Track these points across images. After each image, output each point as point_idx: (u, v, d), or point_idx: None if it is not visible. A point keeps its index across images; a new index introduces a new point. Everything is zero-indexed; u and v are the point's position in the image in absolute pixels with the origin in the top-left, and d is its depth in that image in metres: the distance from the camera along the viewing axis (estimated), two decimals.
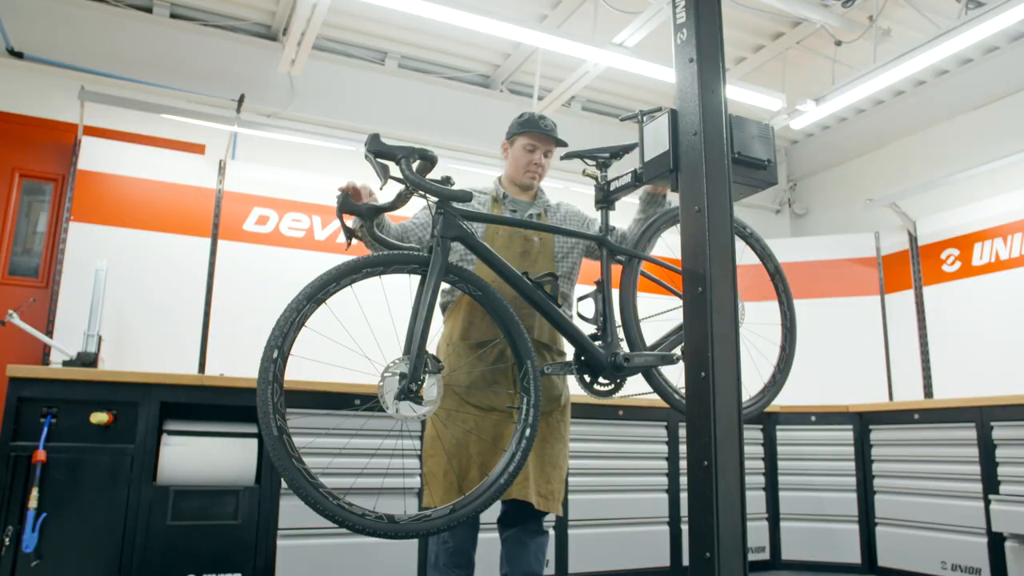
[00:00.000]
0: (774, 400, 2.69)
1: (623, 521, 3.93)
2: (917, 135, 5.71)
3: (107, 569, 2.96)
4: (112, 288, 3.88)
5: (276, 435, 1.81)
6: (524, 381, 2.19)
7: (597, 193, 2.56)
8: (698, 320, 1.81)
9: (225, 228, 4.35)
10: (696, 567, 1.69)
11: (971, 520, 3.72)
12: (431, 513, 1.98)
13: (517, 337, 2.21)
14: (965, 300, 4.92)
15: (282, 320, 1.90)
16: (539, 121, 2.66)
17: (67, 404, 3.05)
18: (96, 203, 4.08)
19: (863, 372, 5.33)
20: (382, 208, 2.15)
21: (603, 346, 2.38)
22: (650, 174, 2.10)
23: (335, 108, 5.03)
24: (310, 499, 1.82)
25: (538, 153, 2.66)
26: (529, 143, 2.64)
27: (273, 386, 1.85)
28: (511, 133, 2.68)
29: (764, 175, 2.17)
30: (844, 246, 5.67)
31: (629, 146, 2.55)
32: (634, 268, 2.52)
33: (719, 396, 1.74)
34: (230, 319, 4.23)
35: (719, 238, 1.86)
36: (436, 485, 2.33)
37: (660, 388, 2.50)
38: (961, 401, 3.88)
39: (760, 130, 2.16)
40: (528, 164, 2.65)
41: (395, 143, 2.12)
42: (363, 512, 1.86)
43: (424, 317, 2.04)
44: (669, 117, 2.01)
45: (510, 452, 2.14)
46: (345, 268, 2.00)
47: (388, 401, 1.96)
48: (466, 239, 2.18)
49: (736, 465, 1.73)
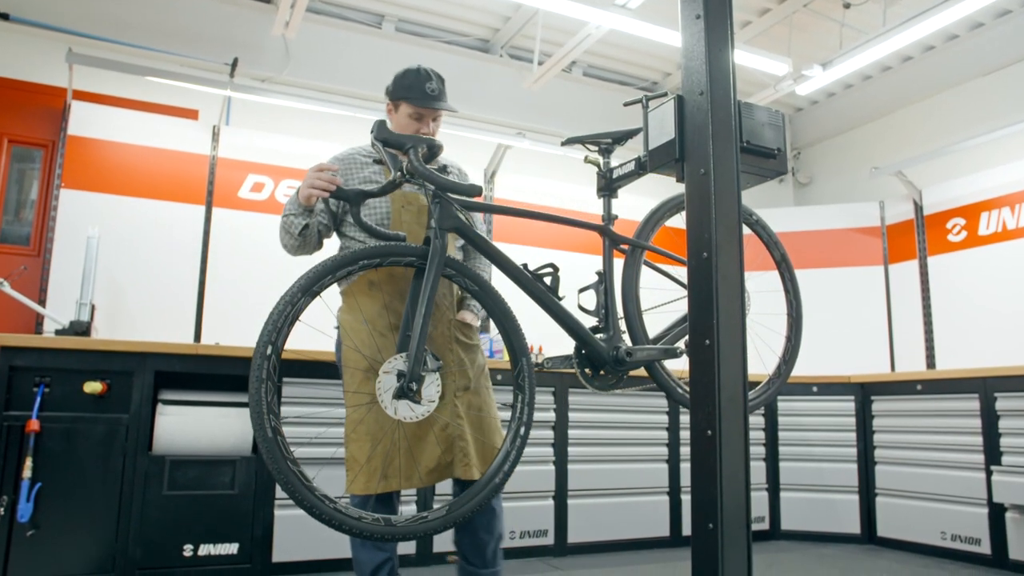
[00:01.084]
0: (778, 394, 2.65)
1: (623, 491, 3.91)
2: (924, 102, 5.60)
3: (104, 539, 2.94)
4: (105, 257, 3.83)
5: (271, 437, 1.76)
6: (519, 378, 2.14)
7: (599, 180, 2.48)
8: (702, 286, 1.75)
9: (219, 195, 4.27)
10: (699, 538, 1.65)
11: (972, 491, 3.70)
12: (428, 515, 1.95)
13: (513, 334, 2.16)
14: (971, 270, 4.86)
15: (275, 314, 1.83)
16: (424, 85, 2.41)
17: (60, 373, 3.01)
18: (87, 170, 4.00)
19: (865, 343, 5.29)
20: (369, 194, 2.08)
21: (604, 339, 2.32)
22: (655, 163, 2.00)
23: (331, 73, 4.93)
24: (306, 503, 1.78)
25: (425, 122, 2.44)
26: (415, 111, 2.42)
27: (267, 384, 1.79)
28: (395, 95, 2.44)
29: (774, 164, 2.08)
30: (848, 215, 5.60)
31: (632, 131, 2.45)
32: (637, 258, 2.45)
33: (723, 364, 1.69)
34: (226, 288, 4.18)
35: (725, 201, 1.79)
36: (359, 471, 2.22)
37: (663, 382, 2.44)
38: (965, 372, 3.84)
39: (770, 117, 2.07)
40: (416, 132, 2.43)
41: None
42: (359, 515, 1.83)
43: (423, 313, 1.98)
44: (675, 104, 1.91)
45: (504, 451, 2.10)
46: (340, 260, 1.94)
47: (386, 400, 1.91)
48: (464, 230, 2.11)
49: (741, 434, 1.68)
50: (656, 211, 2.54)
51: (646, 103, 2.30)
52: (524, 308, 2.24)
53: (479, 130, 4.80)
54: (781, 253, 2.72)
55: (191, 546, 3.04)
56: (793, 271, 2.72)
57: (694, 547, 1.67)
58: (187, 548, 3.04)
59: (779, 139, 2.07)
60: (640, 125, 2.38)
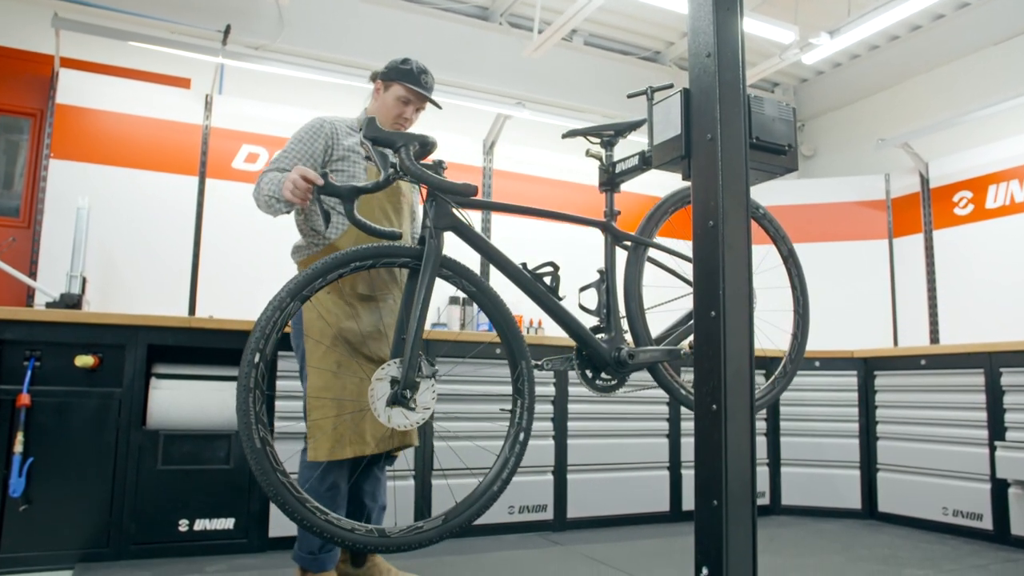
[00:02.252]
0: (783, 392, 2.61)
1: (623, 466, 3.88)
2: (933, 72, 5.48)
3: (98, 514, 2.91)
4: (97, 228, 3.76)
5: (259, 447, 1.71)
6: (519, 383, 2.09)
7: (601, 175, 2.41)
8: (709, 256, 1.69)
9: (213, 166, 4.19)
10: (703, 515, 1.61)
11: (975, 467, 3.67)
12: (423, 525, 1.92)
13: (512, 337, 2.10)
14: (977, 244, 4.80)
15: (263, 320, 1.77)
16: (420, 76, 2.51)
17: (51, 347, 2.96)
18: (77, 139, 3.92)
19: (868, 318, 5.24)
20: (363, 189, 2.01)
21: (606, 340, 2.27)
22: (660, 159, 1.91)
23: (326, 40, 4.81)
24: (297, 515, 1.74)
25: (411, 108, 2.52)
26: (405, 95, 2.49)
27: (255, 393, 1.74)
28: (389, 76, 2.52)
29: (784, 161, 2.00)
30: (852, 188, 5.52)
31: (636, 123, 2.39)
32: (640, 255, 2.38)
33: (730, 336, 1.63)
34: (220, 260, 4.12)
35: (732, 168, 1.72)
36: (324, 438, 2.22)
37: (666, 384, 2.39)
38: (970, 347, 3.79)
39: (781, 111, 1.98)
40: (398, 116, 2.51)
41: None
42: (352, 527, 1.80)
43: (418, 316, 1.92)
44: (682, 97, 1.82)
45: (503, 457, 2.06)
46: (332, 262, 1.88)
47: (379, 408, 1.86)
48: (461, 229, 2.06)
49: (747, 409, 1.63)
50: (660, 206, 2.45)
51: (651, 95, 2.22)
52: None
53: (478, 99, 4.70)
54: (788, 248, 2.65)
55: (186, 521, 3.01)
56: (800, 267, 2.66)
57: (697, 525, 1.63)
58: (182, 523, 3.01)
59: (790, 134, 1.98)
60: (639, 116, 2.31)
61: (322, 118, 2.46)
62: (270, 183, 2.25)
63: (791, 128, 2.00)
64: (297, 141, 2.40)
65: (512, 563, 2.97)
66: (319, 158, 2.39)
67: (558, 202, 5.10)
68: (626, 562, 3.03)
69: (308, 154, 2.38)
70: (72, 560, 2.83)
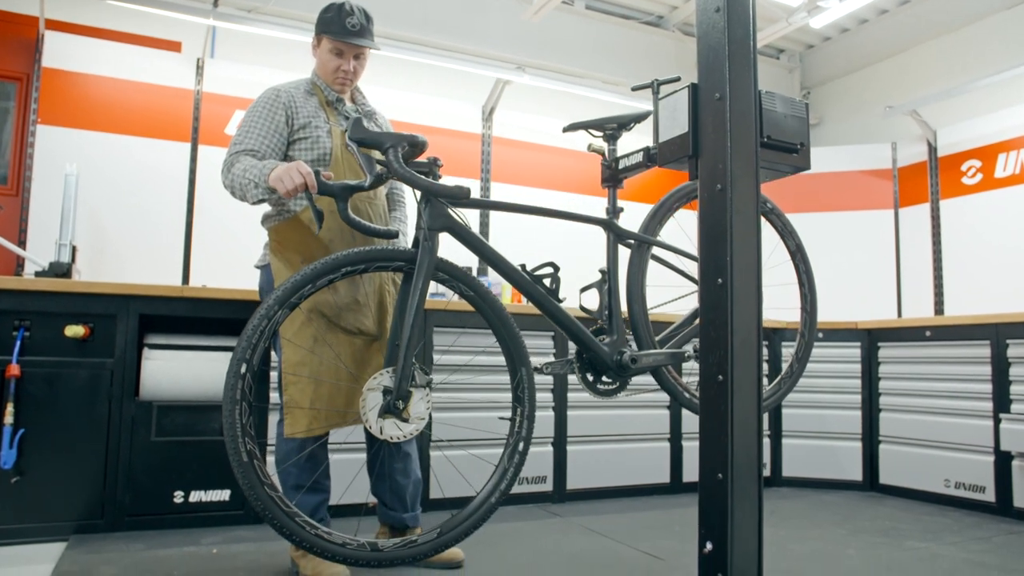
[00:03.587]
0: (788, 395, 2.58)
1: (623, 437, 3.85)
2: (942, 38, 5.35)
3: (92, 485, 2.87)
4: (87, 196, 3.68)
5: (246, 461, 1.67)
6: (518, 390, 2.03)
7: (604, 171, 2.32)
8: (716, 220, 1.62)
9: (205, 132, 4.10)
10: (707, 489, 1.56)
11: (979, 439, 3.63)
12: (416, 539, 1.87)
13: (511, 341, 2.04)
14: (985, 214, 4.72)
15: (250, 330, 1.71)
16: (345, 20, 2.33)
17: (40, 317, 2.89)
18: (65, 104, 3.82)
19: (872, 289, 5.18)
20: (356, 187, 1.95)
21: (608, 343, 2.20)
22: (665, 157, 1.82)
23: (321, 1, 4.66)
24: (286, 530, 1.70)
25: (347, 59, 2.37)
26: (335, 47, 2.35)
27: (241, 405, 1.69)
28: (317, 30, 2.40)
29: (795, 159, 1.91)
30: (858, 157, 5.42)
31: (640, 115, 2.31)
32: (644, 254, 2.30)
33: (737, 304, 1.57)
34: (215, 228, 4.04)
35: (742, 128, 1.65)
36: (301, 414, 2.16)
37: (670, 387, 2.33)
38: (976, 318, 3.73)
39: (793, 107, 1.89)
40: (336, 71, 2.38)
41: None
42: (343, 541, 1.76)
43: (411, 323, 1.85)
44: (689, 93, 1.73)
45: (501, 468, 2.02)
46: (322, 268, 1.81)
47: (371, 419, 1.80)
48: (457, 230, 1.99)
49: (754, 380, 1.58)
50: (664, 202, 2.37)
51: (656, 88, 2.13)
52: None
53: (477, 64, 4.57)
54: (796, 243, 2.57)
55: (182, 492, 2.98)
56: (809, 263, 2.59)
57: (701, 498, 1.58)
58: (178, 495, 2.97)
59: (802, 132, 1.89)
60: (645, 108, 2.22)
61: (275, 88, 2.38)
62: (247, 171, 2.16)
63: (804, 125, 1.91)
64: (257, 116, 2.30)
65: (511, 534, 2.95)
66: (283, 131, 2.31)
67: (559, 170, 5.00)
68: (626, 534, 3.00)
69: (272, 129, 2.30)
70: (66, 532, 2.80)
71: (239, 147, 2.28)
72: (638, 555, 2.68)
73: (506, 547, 2.76)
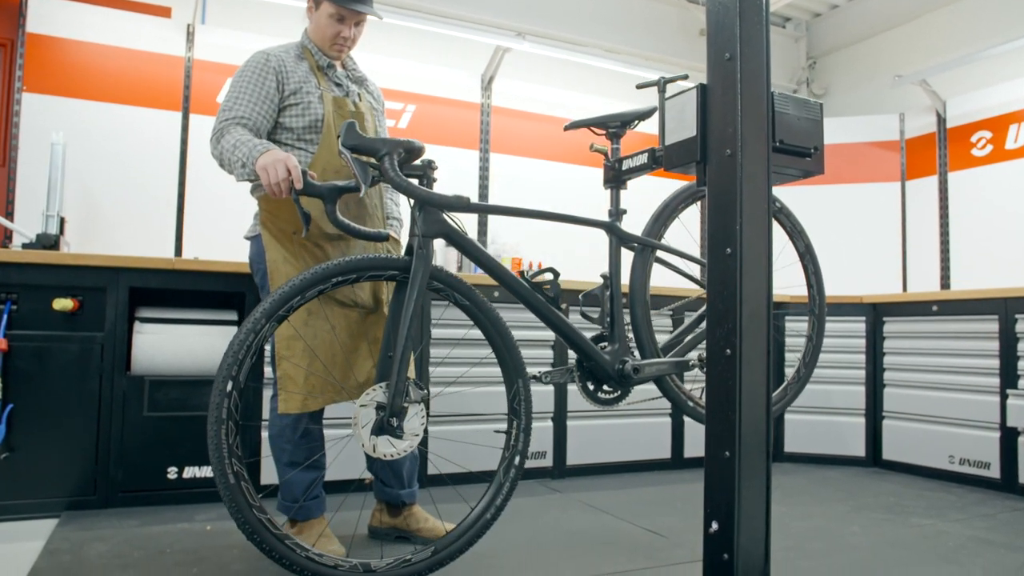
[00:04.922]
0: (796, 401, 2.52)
1: (623, 412, 3.79)
2: (953, 6, 5.21)
3: (83, 461, 2.82)
4: (76, 166, 3.59)
5: (233, 483, 1.61)
6: (515, 402, 1.96)
7: (606, 172, 2.23)
8: (725, 189, 1.54)
9: (197, 101, 3.99)
10: (713, 467, 1.50)
11: (985, 415, 3.58)
12: (411, 557, 1.81)
13: (508, 352, 1.96)
14: (995, 187, 4.62)
15: (236, 344, 1.63)
16: None
17: (27, 289, 2.82)
18: (51, 71, 3.71)
19: (877, 262, 5.10)
20: (345, 189, 1.87)
21: (610, 352, 2.13)
22: (672, 162, 1.72)
23: None
24: (275, 553, 1.63)
25: (347, 25, 2.28)
26: (336, 12, 2.25)
27: (227, 424, 1.62)
28: None
29: (808, 164, 1.81)
30: (865, 128, 5.31)
31: (644, 112, 2.22)
32: (647, 258, 2.21)
33: (747, 275, 1.49)
34: (208, 199, 3.95)
35: (752, 88, 1.56)
36: (295, 389, 2.10)
37: (673, 396, 2.25)
38: (984, 292, 3.66)
39: (807, 110, 1.78)
40: (335, 37, 2.29)
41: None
42: (335, 563, 1.70)
43: (405, 336, 1.77)
44: (698, 94, 1.63)
45: (497, 482, 1.96)
46: (311, 278, 1.73)
47: (364, 436, 1.73)
48: (453, 236, 1.91)
49: (763, 355, 1.51)
50: (668, 204, 2.28)
51: (663, 86, 2.03)
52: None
53: (475, 30, 4.45)
54: (805, 244, 2.49)
55: (175, 468, 2.93)
56: (818, 264, 2.51)
57: (707, 476, 1.52)
58: (171, 471, 2.93)
59: (816, 135, 1.78)
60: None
61: (265, 51, 2.28)
62: (237, 147, 2.08)
63: (818, 127, 1.80)
64: (247, 82, 2.21)
65: (511, 511, 2.88)
66: (274, 97, 2.22)
67: (559, 142, 4.90)
68: (626, 510, 2.96)
69: (263, 95, 2.21)
70: (58, 508, 2.76)
71: (228, 115, 2.20)
72: (639, 532, 2.64)
73: (505, 524, 2.70)
